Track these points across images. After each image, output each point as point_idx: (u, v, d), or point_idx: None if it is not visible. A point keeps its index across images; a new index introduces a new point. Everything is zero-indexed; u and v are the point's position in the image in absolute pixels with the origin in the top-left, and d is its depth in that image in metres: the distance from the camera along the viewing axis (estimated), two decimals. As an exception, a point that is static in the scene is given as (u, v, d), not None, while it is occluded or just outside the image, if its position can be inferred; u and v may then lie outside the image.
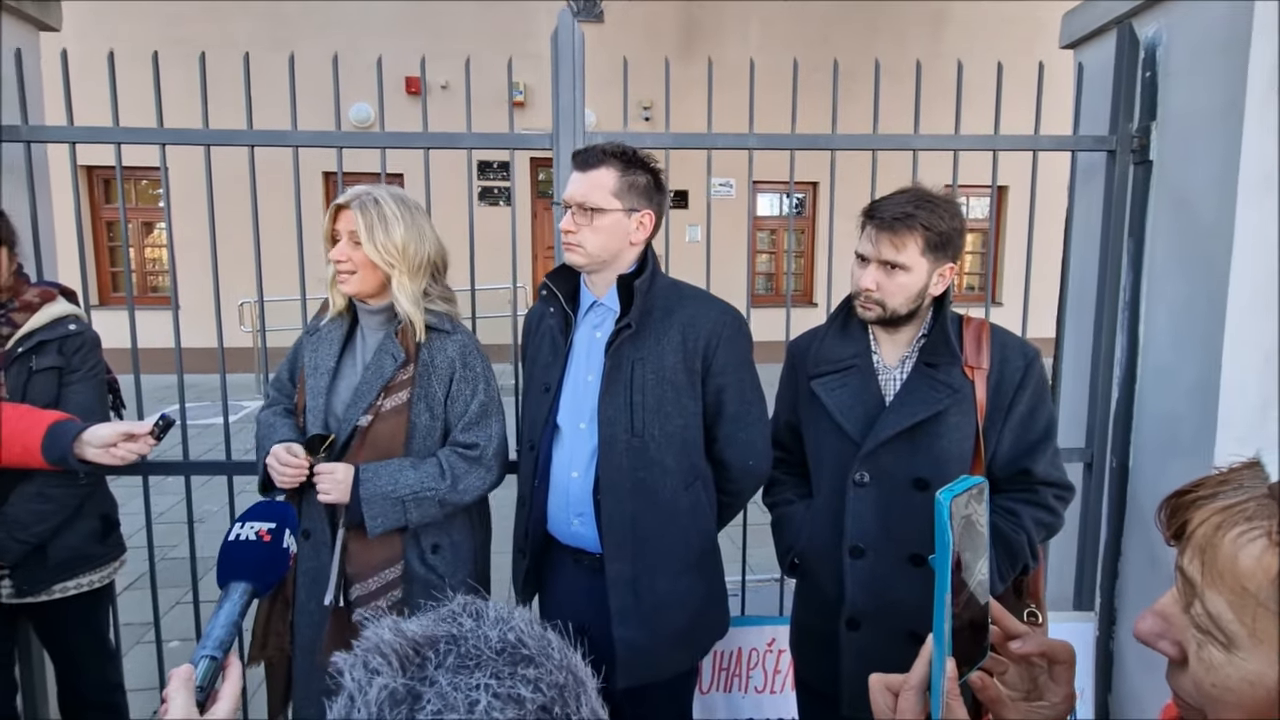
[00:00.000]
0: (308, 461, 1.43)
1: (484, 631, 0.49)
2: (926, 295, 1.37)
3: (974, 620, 0.67)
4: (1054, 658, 0.68)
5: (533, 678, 0.47)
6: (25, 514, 1.54)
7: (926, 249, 1.33)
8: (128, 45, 2.63)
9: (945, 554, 0.61)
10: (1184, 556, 0.53)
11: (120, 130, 1.84)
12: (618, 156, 1.41)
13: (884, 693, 0.68)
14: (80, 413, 1.57)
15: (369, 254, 1.45)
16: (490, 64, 2.06)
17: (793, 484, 1.57)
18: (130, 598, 3.12)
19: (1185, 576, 0.53)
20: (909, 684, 0.65)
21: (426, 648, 0.48)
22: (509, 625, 0.50)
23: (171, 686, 0.70)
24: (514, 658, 0.48)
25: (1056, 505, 1.41)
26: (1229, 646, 0.50)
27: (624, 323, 1.40)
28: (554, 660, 0.49)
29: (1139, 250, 1.93)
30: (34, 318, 1.58)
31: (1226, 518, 0.50)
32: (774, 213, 9.56)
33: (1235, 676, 0.50)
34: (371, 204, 1.46)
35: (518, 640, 0.49)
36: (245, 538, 0.87)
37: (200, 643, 0.75)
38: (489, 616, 0.51)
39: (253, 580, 0.83)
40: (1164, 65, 1.86)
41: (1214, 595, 0.50)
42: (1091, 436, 2.02)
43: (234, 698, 0.74)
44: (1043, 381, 1.41)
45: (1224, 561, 0.49)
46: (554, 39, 1.81)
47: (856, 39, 8.68)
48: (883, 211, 1.34)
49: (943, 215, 1.33)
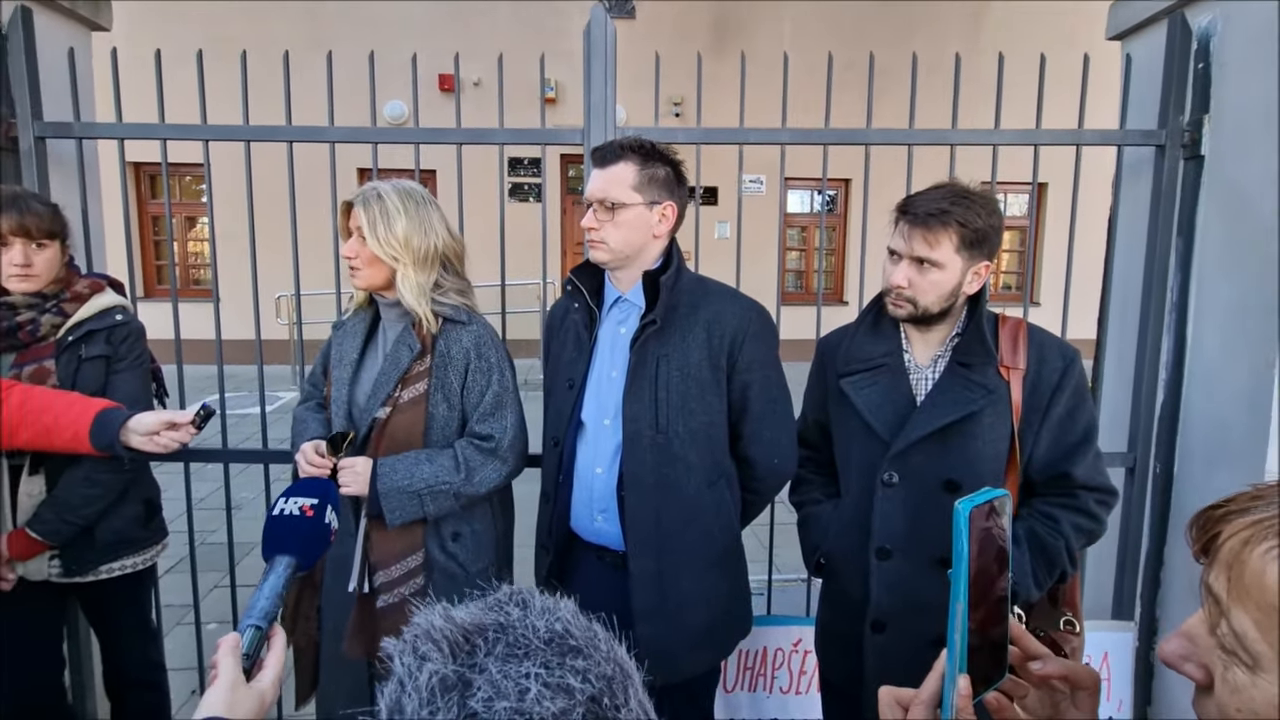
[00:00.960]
0: (331, 461, 1.45)
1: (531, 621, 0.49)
2: (960, 293, 1.33)
3: (992, 639, 0.64)
4: (1077, 683, 0.65)
5: (581, 669, 0.46)
6: (74, 497, 1.60)
7: (961, 246, 1.29)
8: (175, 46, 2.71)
9: (961, 565, 0.59)
10: (1211, 573, 0.51)
11: (166, 127, 1.90)
12: (636, 150, 1.40)
13: (893, 707, 0.65)
14: (126, 400, 1.62)
15: (372, 248, 1.47)
16: (523, 61, 2.07)
17: (820, 483, 1.54)
18: (171, 580, 3.22)
19: (1212, 594, 0.51)
20: (920, 698, 0.63)
21: (476, 635, 0.48)
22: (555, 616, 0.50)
23: (219, 654, 0.72)
24: (562, 648, 0.47)
25: (1098, 510, 1.36)
26: (1254, 668, 0.48)
27: (649, 319, 1.39)
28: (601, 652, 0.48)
29: (1188, 249, 1.86)
30: (84, 308, 1.64)
31: (1255, 532, 0.48)
32: (804, 210, 9.46)
33: (1260, 700, 0.47)
34: (374, 199, 1.48)
35: (565, 631, 0.49)
36: (289, 512, 0.89)
37: (246, 613, 0.78)
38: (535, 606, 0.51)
39: (296, 554, 0.85)
40: (1218, 56, 1.79)
41: (1240, 613, 0.48)
42: (1134, 441, 1.96)
43: (278, 666, 0.76)
44: (1083, 383, 1.37)
45: (1251, 577, 0.47)
46: (586, 34, 1.81)
47: (892, 34, 8.52)
48: (916, 207, 1.30)
49: (979, 212, 1.29)
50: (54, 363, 1.59)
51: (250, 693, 0.72)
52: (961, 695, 0.60)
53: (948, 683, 0.60)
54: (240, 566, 3.32)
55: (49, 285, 1.61)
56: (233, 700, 0.69)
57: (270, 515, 0.89)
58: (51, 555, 1.63)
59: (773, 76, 2.01)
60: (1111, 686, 1.92)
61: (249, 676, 0.73)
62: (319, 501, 0.91)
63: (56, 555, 1.64)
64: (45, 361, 1.59)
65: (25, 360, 1.58)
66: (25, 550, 1.58)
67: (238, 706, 0.69)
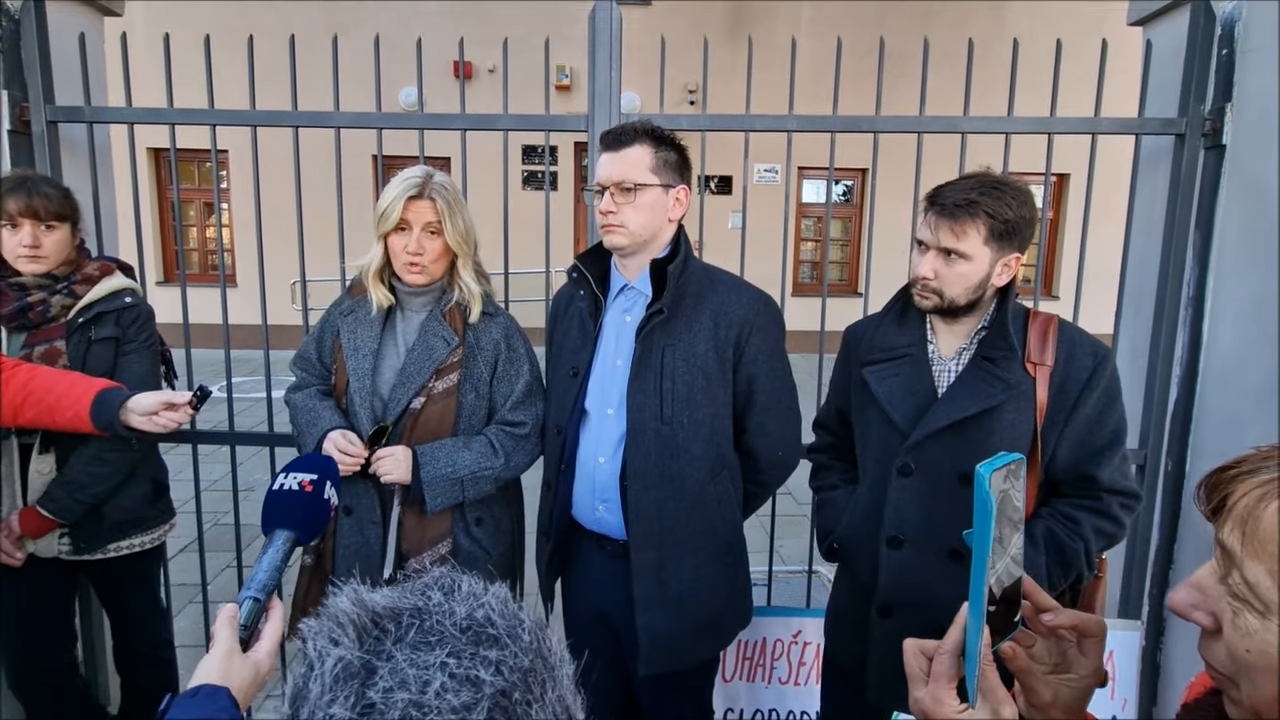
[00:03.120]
0: (365, 451, 1.45)
1: (451, 606, 0.47)
2: (988, 286, 1.30)
3: (1006, 594, 0.67)
4: (1084, 631, 0.69)
5: (495, 660, 0.44)
6: (84, 476, 1.63)
7: (990, 237, 1.26)
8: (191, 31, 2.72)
9: (986, 525, 0.62)
10: (1224, 529, 0.54)
11: (174, 111, 1.91)
12: (648, 134, 1.40)
13: (918, 656, 0.69)
14: (134, 381, 1.65)
15: (449, 240, 1.48)
16: (538, 48, 2.07)
17: (840, 469, 1.54)
18: (183, 560, 3.28)
19: (1225, 548, 0.54)
20: (944, 647, 0.67)
21: (387, 620, 0.46)
22: (480, 602, 0.48)
23: (217, 624, 0.73)
24: (478, 637, 0.45)
25: (1121, 514, 1.33)
26: (1266, 613, 0.51)
27: (656, 307, 1.38)
28: (522, 643, 0.46)
29: (1206, 242, 1.81)
30: (93, 290, 1.66)
31: (1269, 489, 0.51)
32: (820, 200, 9.36)
33: (1272, 643, 0.51)
34: (443, 189, 1.48)
35: (486, 619, 0.46)
36: (288, 487, 0.90)
37: (244, 585, 0.79)
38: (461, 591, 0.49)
39: (295, 529, 0.86)
40: (1242, 43, 1.73)
41: (1254, 564, 0.51)
42: (1146, 437, 1.92)
43: (275, 638, 0.77)
44: (1114, 383, 1.33)
45: (1266, 532, 0.50)
46: (591, 20, 1.80)
47: (913, 22, 8.36)
48: (945, 197, 1.28)
49: (1009, 203, 1.25)
50: (65, 343, 1.62)
51: (246, 663, 0.72)
52: (985, 645, 0.63)
53: (971, 633, 0.64)
54: (250, 549, 3.38)
55: (59, 267, 1.64)
56: (227, 669, 0.70)
57: (270, 490, 0.90)
58: (61, 533, 1.67)
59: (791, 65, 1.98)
60: (1116, 685, 1.89)
61: (246, 647, 0.74)
62: (318, 477, 0.92)
63: (66, 533, 1.67)
64: (56, 342, 1.61)
65: (36, 340, 1.61)
66: (36, 528, 1.61)
67: (232, 676, 0.70)
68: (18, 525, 1.60)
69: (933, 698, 0.65)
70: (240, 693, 0.69)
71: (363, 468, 1.45)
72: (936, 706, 0.65)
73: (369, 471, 1.46)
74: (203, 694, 0.67)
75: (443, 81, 7.76)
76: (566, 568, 1.61)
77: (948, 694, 0.65)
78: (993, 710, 0.62)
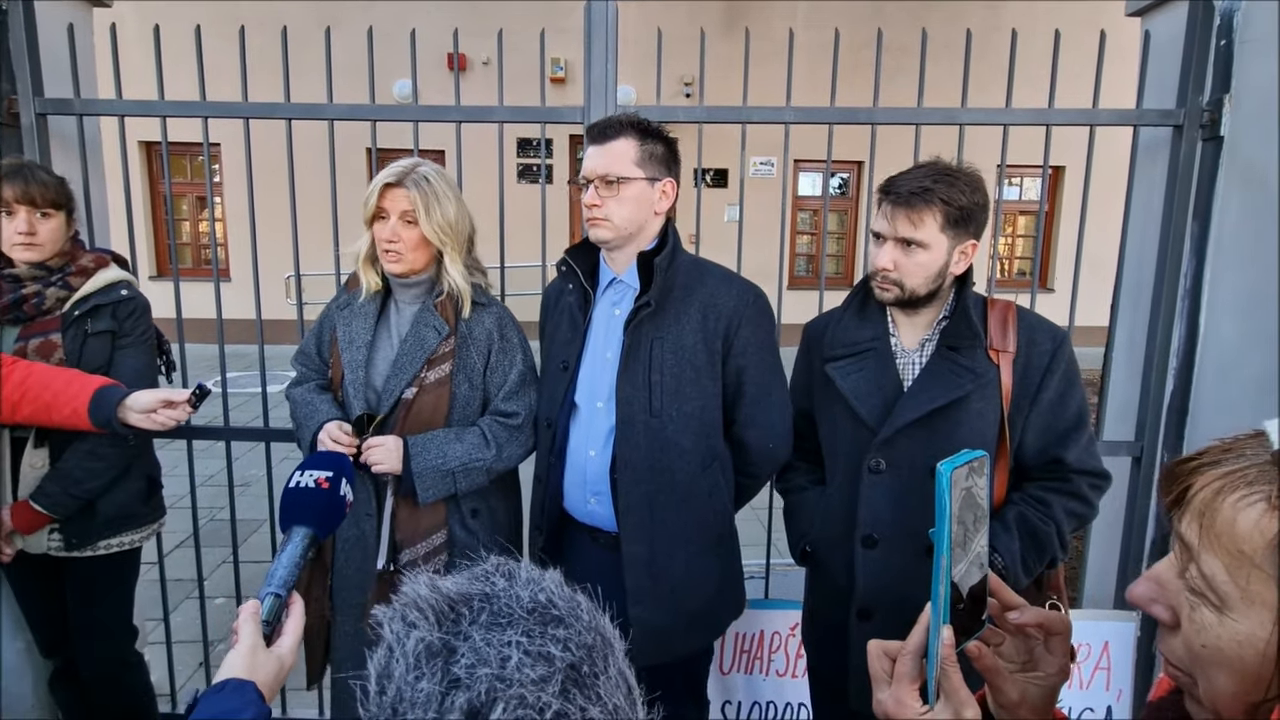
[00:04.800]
0: (355, 441, 1.45)
1: (516, 591, 0.51)
2: (947, 274, 1.31)
3: (972, 592, 0.67)
4: (1050, 629, 0.69)
5: (562, 637, 0.48)
6: (79, 470, 1.62)
7: (946, 225, 1.26)
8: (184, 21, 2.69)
9: (944, 524, 0.62)
10: (1182, 521, 0.54)
11: (165, 104, 1.89)
12: (634, 126, 1.39)
13: (881, 658, 0.69)
14: (131, 375, 1.63)
15: (425, 232, 1.46)
16: (533, 40, 2.05)
17: (806, 469, 1.53)
18: (178, 556, 3.27)
19: (1183, 541, 0.54)
20: (906, 649, 0.67)
21: (461, 604, 0.50)
22: (540, 586, 0.52)
23: (240, 620, 0.75)
24: (544, 618, 0.49)
25: (1090, 495, 1.34)
26: (1221, 608, 0.51)
27: (643, 300, 1.38)
28: (583, 621, 0.50)
29: (1204, 234, 1.81)
30: (89, 282, 1.65)
31: (1227, 483, 0.51)
32: (816, 193, 9.34)
33: (1226, 637, 0.51)
34: (424, 181, 1.46)
35: (548, 601, 0.50)
36: (305, 485, 0.91)
37: (265, 581, 0.80)
38: (521, 577, 0.52)
39: (313, 525, 0.88)
40: (1241, 33, 1.72)
41: (1210, 558, 0.51)
42: (1142, 430, 1.93)
43: (297, 633, 0.79)
44: (1073, 365, 1.34)
45: (1223, 525, 0.50)
46: (586, 11, 1.78)
47: (910, 14, 8.34)
48: (898, 186, 1.28)
49: (962, 189, 1.26)
50: (61, 336, 1.60)
51: (270, 657, 0.75)
52: (945, 645, 0.63)
53: (932, 634, 0.64)
54: (247, 544, 3.37)
55: (54, 258, 1.62)
56: (253, 663, 0.72)
57: (286, 488, 0.92)
58: (51, 529, 1.65)
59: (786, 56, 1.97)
60: (1112, 677, 1.91)
61: (268, 642, 0.76)
62: (334, 474, 0.93)
63: (57, 529, 1.65)
64: (52, 335, 1.60)
65: (31, 333, 1.59)
66: (29, 522, 1.60)
67: (258, 669, 0.72)
68: (9, 520, 1.59)
69: (895, 699, 0.66)
70: (265, 686, 0.72)
71: (355, 458, 1.45)
72: (899, 708, 0.65)
73: (360, 462, 1.45)
74: (230, 687, 0.69)
75: (437, 74, 7.71)
76: (558, 560, 1.61)
77: (910, 695, 0.65)
78: (955, 711, 0.62)
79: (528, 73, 2.13)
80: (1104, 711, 1.91)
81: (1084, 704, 1.90)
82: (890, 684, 0.67)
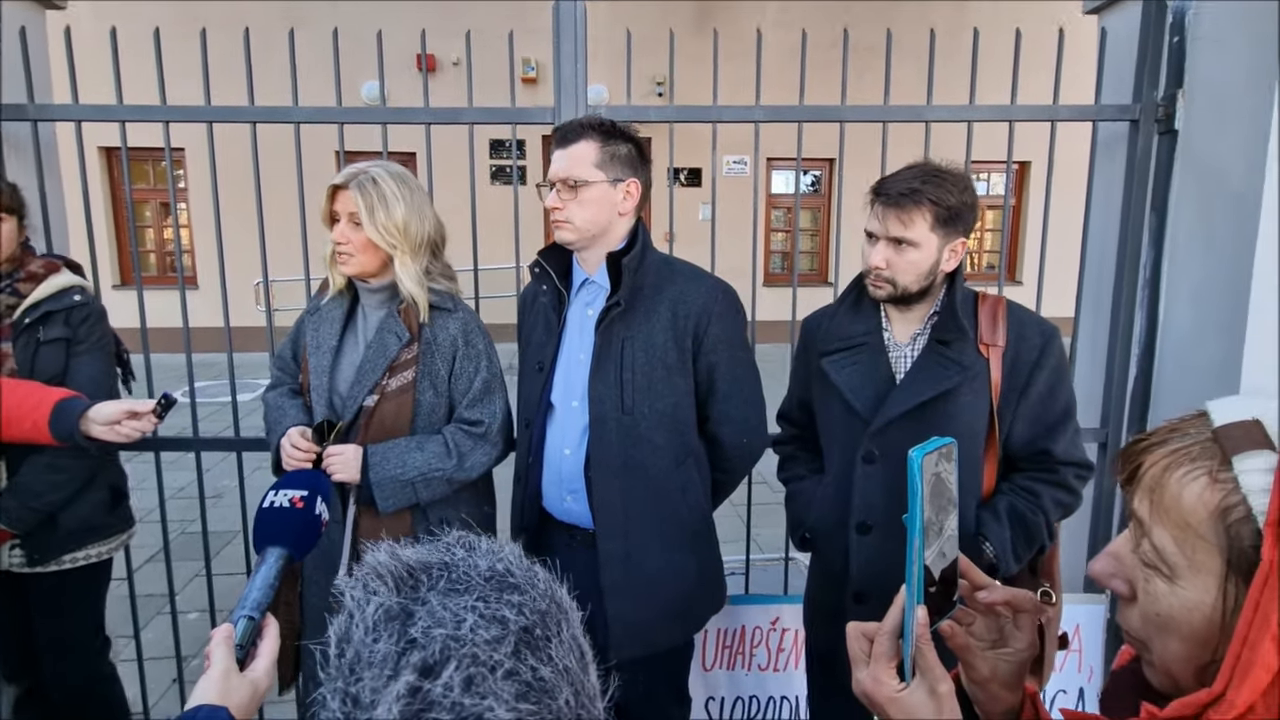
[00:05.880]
0: (315, 450, 1.43)
1: (475, 561, 0.52)
2: (938, 272, 1.35)
3: (944, 574, 0.69)
4: (1018, 607, 0.72)
5: (517, 603, 0.50)
6: (38, 483, 1.57)
7: (936, 224, 1.30)
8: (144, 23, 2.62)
9: (916, 509, 0.64)
10: (1135, 498, 0.57)
11: (124, 108, 1.84)
12: (596, 129, 1.40)
13: (860, 639, 0.71)
14: (88, 383, 1.59)
15: (370, 235, 1.44)
16: (503, 40, 2.04)
17: (805, 460, 1.57)
18: (149, 571, 3.19)
19: (1136, 516, 0.57)
20: (883, 629, 0.69)
21: (421, 572, 0.51)
22: (498, 556, 0.54)
23: (213, 644, 0.73)
24: (501, 584, 0.51)
25: (1076, 485, 1.39)
26: (1172, 578, 0.54)
27: (613, 300, 1.39)
28: (539, 589, 0.52)
29: (1161, 224, 1.87)
30: (39, 288, 1.59)
31: (1174, 460, 0.54)
32: (790, 190, 9.43)
33: (1176, 605, 0.54)
34: (370, 184, 1.44)
35: (506, 570, 0.52)
36: (279, 504, 0.90)
37: (238, 604, 0.78)
38: (481, 548, 0.54)
39: (288, 546, 0.86)
40: (1192, 30, 1.78)
41: (1160, 531, 0.55)
42: (1108, 416, 1.98)
43: (271, 655, 0.77)
44: (1062, 360, 1.38)
45: (1170, 499, 0.54)
46: (555, 11, 1.78)
47: (878, 13, 8.44)
48: (889, 188, 1.31)
49: (951, 189, 1.30)
50: (10, 345, 1.55)
51: (244, 682, 0.73)
52: (920, 625, 0.65)
53: (907, 615, 0.66)
54: (220, 557, 3.30)
55: (2, 264, 1.57)
56: (225, 689, 0.71)
57: (260, 508, 0.90)
58: (12, 545, 1.60)
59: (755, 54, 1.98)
60: (1083, 657, 1.95)
61: (242, 666, 0.74)
62: (309, 493, 0.92)
63: (17, 544, 1.60)
64: (2, 344, 1.55)
65: (-20, 344, 1.54)
66: (-12, 540, 1.55)
67: (231, 695, 0.71)
68: None
69: (873, 678, 0.68)
70: (239, 710, 0.70)
71: (316, 465, 1.44)
72: (876, 686, 0.67)
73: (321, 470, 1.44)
74: (203, 714, 0.67)
75: (406, 74, 7.62)
76: (539, 559, 1.61)
77: (887, 674, 0.67)
78: (930, 687, 0.64)
79: (499, 73, 2.12)
80: (1076, 692, 1.96)
81: (1057, 686, 1.95)
82: (869, 663, 0.69)
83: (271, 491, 0.92)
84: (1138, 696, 0.58)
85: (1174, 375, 1.85)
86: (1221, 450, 0.53)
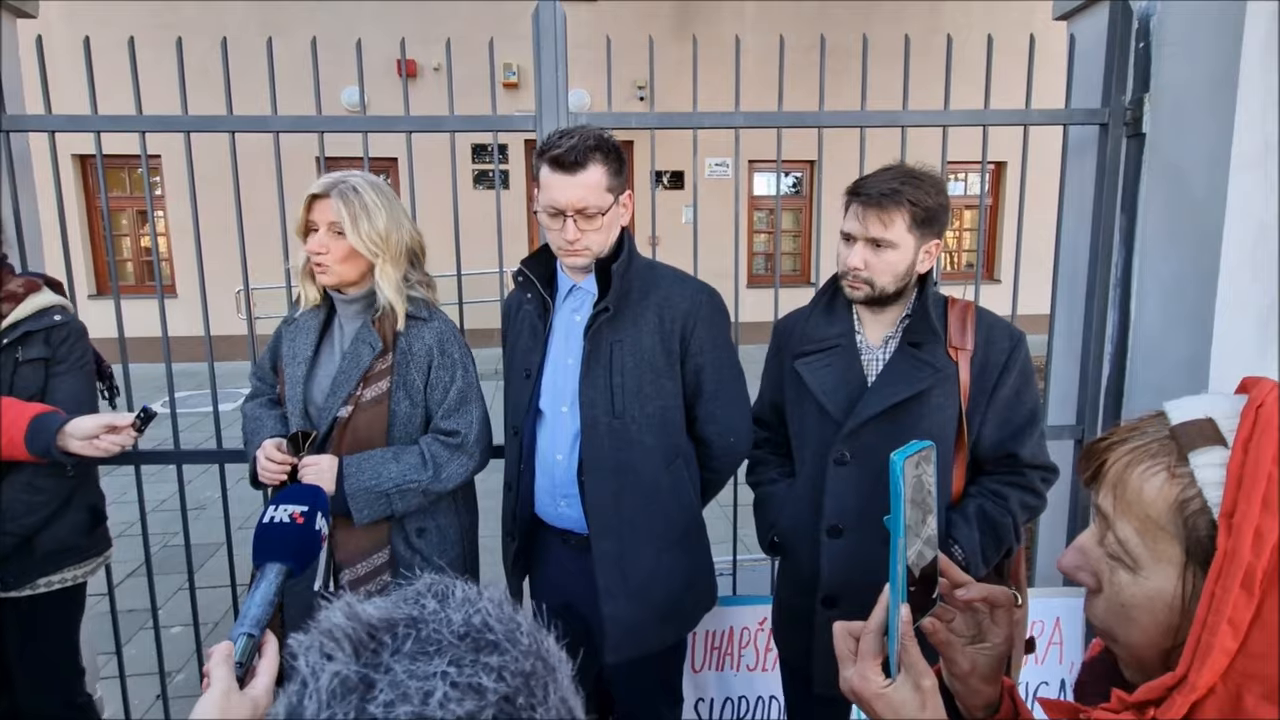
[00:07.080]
0: (291, 460, 1.43)
1: (447, 614, 0.46)
2: (913, 273, 1.36)
3: (924, 573, 0.71)
4: (994, 602, 0.75)
5: (496, 665, 0.43)
6: (15, 504, 1.54)
7: (913, 225, 1.32)
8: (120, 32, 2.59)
9: (899, 511, 0.66)
10: (1099, 494, 0.60)
11: (99, 118, 1.82)
12: (599, 150, 1.36)
13: (846, 637, 0.74)
14: (69, 403, 1.56)
15: (354, 244, 1.44)
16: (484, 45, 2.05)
17: (776, 463, 1.57)
18: (130, 585, 3.15)
19: (1100, 511, 0.60)
20: (868, 628, 0.71)
21: (383, 632, 0.45)
22: (475, 607, 0.47)
23: (212, 662, 0.73)
24: (478, 643, 0.45)
25: (1042, 488, 1.41)
26: (1135, 568, 0.57)
27: (602, 306, 1.40)
28: (521, 646, 0.46)
29: (1131, 225, 1.91)
30: (19, 308, 1.57)
31: (1134, 457, 0.57)
32: (772, 193, 9.50)
33: (1140, 594, 0.57)
34: (351, 193, 1.44)
35: (483, 624, 0.46)
36: (279, 520, 0.89)
37: (238, 621, 0.78)
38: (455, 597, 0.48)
39: (288, 561, 0.86)
40: (1157, 36, 1.82)
41: (1123, 524, 0.58)
42: (1082, 413, 2.02)
43: (271, 673, 0.76)
44: (1028, 364, 1.40)
45: (1132, 493, 0.57)
46: (535, 18, 1.79)
47: (856, 18, 8.55)
48: (869, 188, 1.32)
49: (928, 191, 1.32)
50: None
51: (244, 700, 0.72)
52: (904, 622, 0.68)
53: (891, 613, 0.68)
54: (203, 570, 3.26)
55: None
56: (225, 706, 0.70)
57: (260, 523, 0.89)
58: None
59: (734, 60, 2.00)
60: (1064, 650, 1.99)
61: (242, 684, 0.74)
62: (309, 508, 0.91)
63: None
64: None
65: (-44, 364, 1.51)
66: (-38, 562, 1.52)
67: (231, 713, 0.70)
68: None
69: (859, 675, 0.70)
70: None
71: (291, 476, 1.43)
72: (863, 683, 0.69)
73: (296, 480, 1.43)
74: None
75: (386, 80, 7.58)
76: (533, 564, 1.62)
77: (873, 670, 0.69)
78: (914, 682, 0.67)
79: (479, 78, 2.13)
80: (1058, 684, 1.99)
81: (1039, 678, 1.99)
82: (855, 661, 0.71)
83: (271, 507, 0.91)
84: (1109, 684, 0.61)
85: (1144, 372, 1.90)
86: (1178, 447, 0.56)
